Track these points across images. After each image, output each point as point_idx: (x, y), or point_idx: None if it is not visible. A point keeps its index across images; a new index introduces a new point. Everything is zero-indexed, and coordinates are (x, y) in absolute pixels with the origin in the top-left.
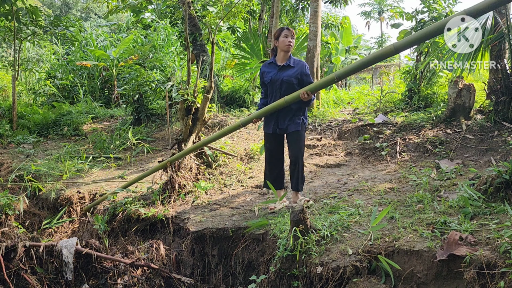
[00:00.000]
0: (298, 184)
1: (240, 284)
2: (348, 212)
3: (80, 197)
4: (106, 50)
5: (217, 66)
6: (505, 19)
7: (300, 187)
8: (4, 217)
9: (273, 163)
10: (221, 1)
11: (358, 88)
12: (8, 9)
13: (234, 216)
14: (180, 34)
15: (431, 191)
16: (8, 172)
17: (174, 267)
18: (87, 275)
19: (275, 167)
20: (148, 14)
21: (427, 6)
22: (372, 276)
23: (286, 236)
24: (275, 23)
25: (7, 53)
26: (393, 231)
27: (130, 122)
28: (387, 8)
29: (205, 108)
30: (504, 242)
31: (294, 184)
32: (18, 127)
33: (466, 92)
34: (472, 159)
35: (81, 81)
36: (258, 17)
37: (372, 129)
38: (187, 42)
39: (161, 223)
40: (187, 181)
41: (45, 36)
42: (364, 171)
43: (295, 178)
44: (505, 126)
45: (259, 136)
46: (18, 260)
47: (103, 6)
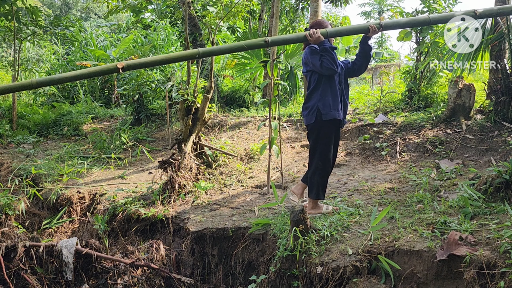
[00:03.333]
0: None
1: (240, 284)
2: (348, 212)
3: (80, 197)
4: (106, 50)
5: (217, 66)
6: (505, 19)
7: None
8: (4, 217)
9: (332, 165)
10: (221, 1)
11: (358, 88)
12: (8, 9)
13: (234, 216)
14: (180, 34)
15: (431, 191)
16: (8, 172)
17: (174, 267)
18: (87, 275)
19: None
20: (148, 14)
21: (427, 6)
22: (372, 276)
23: (286, 236)
24: (275, 23)
25: (7, 53)
26: (393, 231)
27: (130, 122)
28: (387, 8)
29: (205, 108)
30: (504, 242)
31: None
32: (18, 127)
33: (466, 92)
34: (472, 159)
35: (81, 81)
36: (258, 17)
37: (372, 129)
38: (187, 42)
39: (161, 223)
40: (187, 181)
41: (45, 36)
42: (364, 171)
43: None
44: (505, 126)
45: (259, 136)
46: (18, 260)
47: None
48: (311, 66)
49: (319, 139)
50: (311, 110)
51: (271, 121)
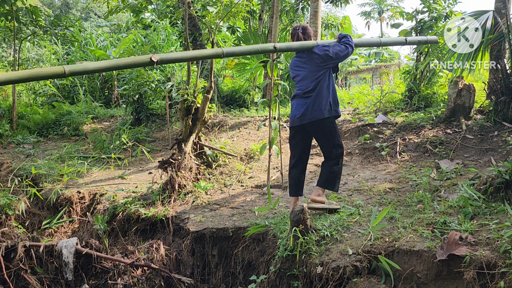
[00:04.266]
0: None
1: (240, 284)
2: (348, 212)
3: (80, 197)
4: (106, 50)
5: (217, 66)
6: (505, 19)
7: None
8: (4, 217)
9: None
10: (221, 1)
11: (358, 88)
12: (8, 9)
13: (234, 216)
14: (180, 34)
15: (431, 191)
16: (8, 172)
17: (174, 267)
18: (87, 275)
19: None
20: (148, 14)
21: (427, 6)
22: (372, 276)
23: (286, 236)
24: (275, 23)
25: (7, 53)
26: (393, 231)
27: (130, 122)
28: (387, 8)
29: (205, 108)
30: (504, 242)
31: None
32: (18, 127)
33: (466, 92)
34: (472, 159)
35: (81, 81)
36: (258, 17)
37: (372, 129)
38: (187, 42)
39: (161, 223)
40: (187, 181)
41: (45, 36)
42: (364, 171)
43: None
44: (505, 126)
45: (259, 136)
46: (18, 260)
47: (103, 6)
48: (334, 61)
49: (337, 130)
50: (329, 105)
51: (271, 121)
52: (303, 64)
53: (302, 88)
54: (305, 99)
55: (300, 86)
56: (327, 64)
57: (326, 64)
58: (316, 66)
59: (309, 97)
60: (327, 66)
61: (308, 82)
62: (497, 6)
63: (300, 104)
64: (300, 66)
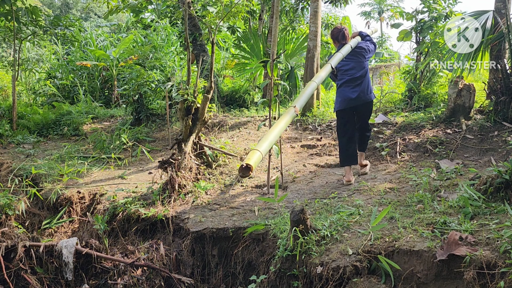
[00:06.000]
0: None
1: (240, 284)
2: (348, 212)
3: (80, 197)
4: (106, 50)
5: (217, 66)
6: (505, 19)
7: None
8: (4, 217)
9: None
10: (221, 1)
11: None
12: (8, 9)
13: (234, 216)
14: (180, 34)
15: (431, 191)
16: (8, 172)
17: (174, 267)
18: (87, 275)
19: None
20: (148, 14)
21: (427, 6)
22: (372, 276)
23: (286, 236)
24: (275, 23)
25: (7, 53)
26: (393, 231)
27: (130, 122)
28: (387, 8)
29: (205, 108)
30: (504, 242)
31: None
32: (18, 127)
33: (466, 92)
34: (472, 159)
35: (81, 81)
36: (258, 17)
37: (372, 129)
38: (187, 42)
39: (161, 223)
40: (187, 181)
41: (45, 36)
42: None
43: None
44: (505, 126)
45: (259, 136)
46: (18, 260)
47: (103, 6)
48: (371, 54)
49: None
50: (371, 90)
51: (271, 121)
52: (350, 56)
53: (352, 75)
54: (356, 85)
55: (351, 74)
56: (370, 56)
57: (369, 56)
58: (362, 57)
59: (359, 83)
60: (369, 57)
61: (357, 70)
62: (497, 6)
63: (352, 89)
64: (348, 58)
